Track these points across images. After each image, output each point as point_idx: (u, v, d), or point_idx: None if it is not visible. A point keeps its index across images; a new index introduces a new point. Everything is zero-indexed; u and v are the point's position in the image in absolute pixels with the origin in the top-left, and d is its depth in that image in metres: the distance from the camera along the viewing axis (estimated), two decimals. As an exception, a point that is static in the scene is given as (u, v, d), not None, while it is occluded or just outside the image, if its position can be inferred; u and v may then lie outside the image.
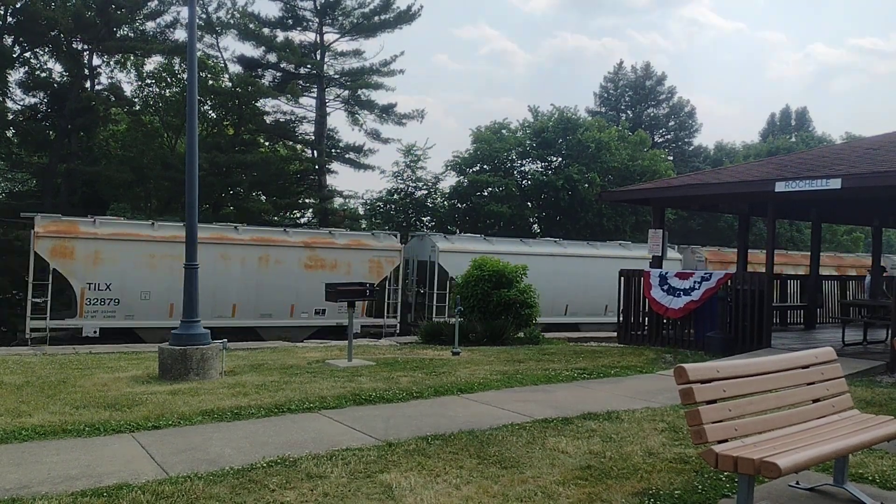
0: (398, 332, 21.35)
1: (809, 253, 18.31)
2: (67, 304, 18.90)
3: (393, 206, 34.93)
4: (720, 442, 4.17)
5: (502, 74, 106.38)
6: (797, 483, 5.00)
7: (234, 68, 32.60)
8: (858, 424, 4.89)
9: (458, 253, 21.68)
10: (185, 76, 26.68)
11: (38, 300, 17.61)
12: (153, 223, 19.52)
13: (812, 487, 4.95)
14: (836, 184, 11.16)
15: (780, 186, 11.87)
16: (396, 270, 22.00)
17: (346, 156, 34.58)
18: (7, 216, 23.53)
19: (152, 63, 32.62)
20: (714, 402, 4.27)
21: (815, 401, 4.99)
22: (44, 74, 29.92)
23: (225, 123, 33.02)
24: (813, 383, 5.04)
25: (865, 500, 4.72)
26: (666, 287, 13.48)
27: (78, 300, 17.96)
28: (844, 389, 5.23)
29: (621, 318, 14.67)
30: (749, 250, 16.66)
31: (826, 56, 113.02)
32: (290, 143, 35.39)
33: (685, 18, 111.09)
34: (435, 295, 21.86)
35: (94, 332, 17.85)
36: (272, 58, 32.71)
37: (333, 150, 34.42)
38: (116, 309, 18.18)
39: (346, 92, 34.03)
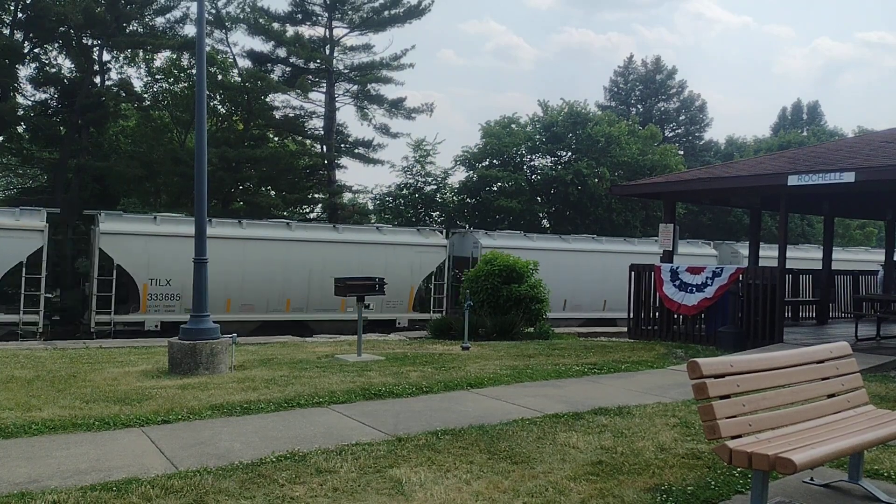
0: None
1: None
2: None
3: (402, 201, 34.91)
4: (734, 437, 4.11)
5: (509, 69, 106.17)
6: (812, 479, 4.94)
7: (244, 63, 32.69)
8: (874, 420, 4.82)
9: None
10: (194, 71, 26.77)
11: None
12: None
13: (827, 483, 4.89)
14: (849, 177, 11.05)
15: (792, 180, 11.76)
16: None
17: (356, 151, 34.58)
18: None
19: (162, 58, 32.75)
20: (728, 397, 4.21)
21: (829, 396, 4.92)
22: (54, 70, 30.01)
23: (234, 118, 33.06)
24: (828, 378, 4.97)
25: (881, 496, 4.66)
26: (678, 282, 13.38)
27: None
28: (860, 385, 5.16)
29: (632, 313, 14.59)
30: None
31: (833, 50, 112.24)
32: (300, 137, 35.42)
33: (691, 12, 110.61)
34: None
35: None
36: (281, 53, 32.74)
37: (343, 145, 34.41)
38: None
39: (356, 87, 34.01)
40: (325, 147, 34.06)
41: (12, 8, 27.75)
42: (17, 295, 17.84)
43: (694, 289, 13.11)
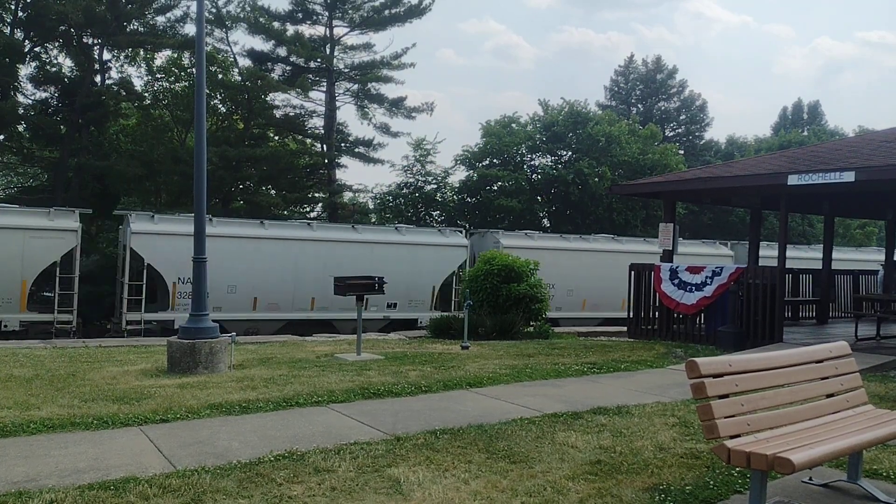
0: None
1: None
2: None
3: (402, 200, 34.90)
4: (732, 437, 4.10)
5: (509, 69, 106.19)
6: (810, 479, 4.93)
7: (244, 62, 32.65)
8: (873, 420, 4.81)
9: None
10: (194, 70, 26.76)
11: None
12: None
13: (825, 483, 4.89)
14: (849, 177, 11.04)
15: (792, 179, 11.75)
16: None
17: (356, 150, 34.57)
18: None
19: (162, 58, 32.73)
20: (726, 396, 4.21)
21: (829, 396, 4.91)
22: (54, 69, 30.01)
23: (234, 117, 33.05)
24: (827, 378, 4.96)
25: (880, 496, 4.65)
26: (676, 281, 13.37)
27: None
28: (859, 384, 5.15)
29: (631, 313, 14.59)
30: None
31: (833, 50, 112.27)
32: (300, 137, 35.41)
33: (691, 12, 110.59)
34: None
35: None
36: (282, 52, 32.71)
37: (343, 144, 34.41)
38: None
39: (356, 86, 34.01)
40: (325, 146, 34.06)
41: (13, 7, 27.74)
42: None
43: (693, 288, 13.10)
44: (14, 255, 17.50)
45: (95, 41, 29.59)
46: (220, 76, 31.34)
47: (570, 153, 36.18)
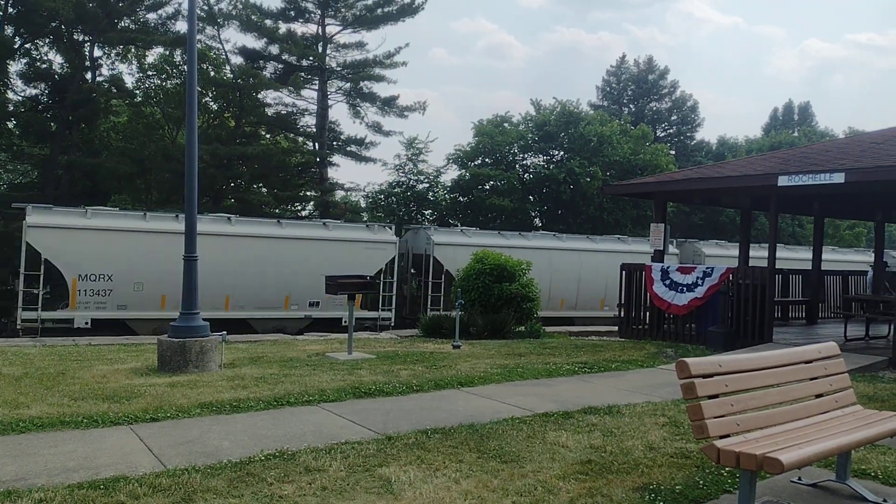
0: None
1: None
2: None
3: (394, 199, 34.87)
4: (722, 437, 4.13)
5: (501, 68, 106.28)
6: (799, 479, 4.96)
7: (236, 60, 32.52)
8: (861, 420, 4.84)
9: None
10: (185, 68, 26.66)
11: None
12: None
13: (814, 483, 4.92)
14: (839, 178, 11.10)
15: (782, 180, 11.81)
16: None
17: (348, 148, 34.51)
18: (7, 207, 23.45)
19: (153, 55, 32.60)
20: (716, 396, 4.23)
21: (818, 396, 4.94)
22: (44, 66, 29.83)
23: (226, 115, 32.93)
24: (816, 378, 4.99)
25: (868, 495, 4.68)
26: (668, 282, 13.42)
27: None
28: (848, 385, 5.18)
29: (622, 313, 14.63)
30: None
31: (823, 51, 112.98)
32: (292, 135, 35.30)
33: (682, 12, 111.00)
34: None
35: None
36: (274, 50, 32.61)
37: (335, 143, 34.35)
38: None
39: (348, 84, 33.94)
40: (317, 145, 33.99)
41: (2, 3, 27.57)
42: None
43: (684, 288, 13.14)
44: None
45: (86, 38, 29.43)
46: (211, 74, 31.22)
47: (561, 153, 36.24)
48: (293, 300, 19.97)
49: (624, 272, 14.59)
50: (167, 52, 31.44)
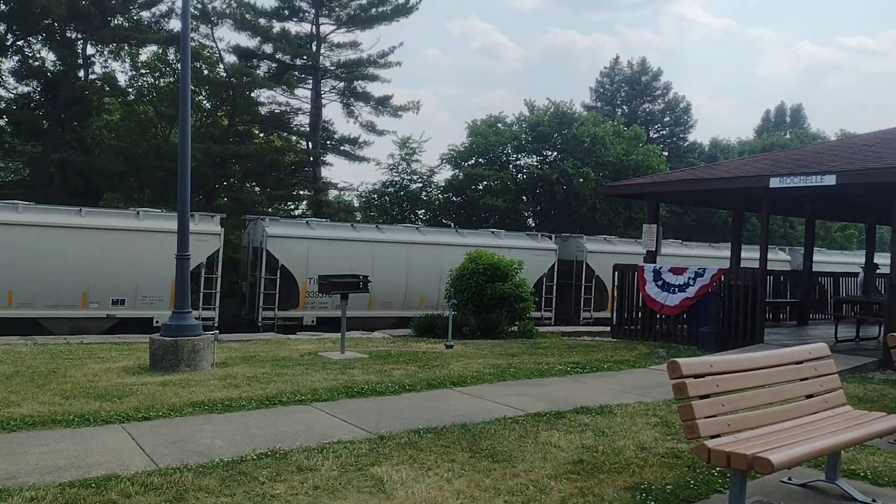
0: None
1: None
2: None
3: (388, 199, 34.85)
4: (713, 437, 4.15)
5: (495, 68, 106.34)
6: (789, 479, 4.99)
7: (230, 59, 32.43)
8: (851, 421, 4.88)
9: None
10: (179, 66, 26.59)
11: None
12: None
13: (804, 483, 4.95)
14: (830, 180, 11.16)
15: (774, 182, 11.86)
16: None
17: (341, 148, 34.51)
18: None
19: (147, 53, 32.48)
20: (707, 396, 4.25)
21: (808, 396, 4.98)
22: (37, 63, 29.70)
23: (219, 114, 32.84)
24: (806, 379, 5.02)
25: (857, 496, 4.71)
26: (660, 283, 13.46)
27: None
28: (838, 385, 5.22)
29: (615, 313, 14.66)
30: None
31: (815, 54, 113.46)
32: (285, 134, 35.27)
33: (675, 14, 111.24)
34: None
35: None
36: (268, 49, 32.60)
37: (328, 142, 34.33)
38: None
39: (342, 84, 33.95)
40: (310, 144, 33.95)
41: (-5, 0, 27.44)
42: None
43: (676, 289, 13.19)
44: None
45: (79, 35, 29.30)
46: (205, 72, 31.12)
47: (555, 153, 36.31)
48: (92, 298, 17.77)
49: (616, 272, 14.63)
50: (160, 51, 31.34)
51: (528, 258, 21.14)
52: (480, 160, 35.87)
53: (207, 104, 32.71)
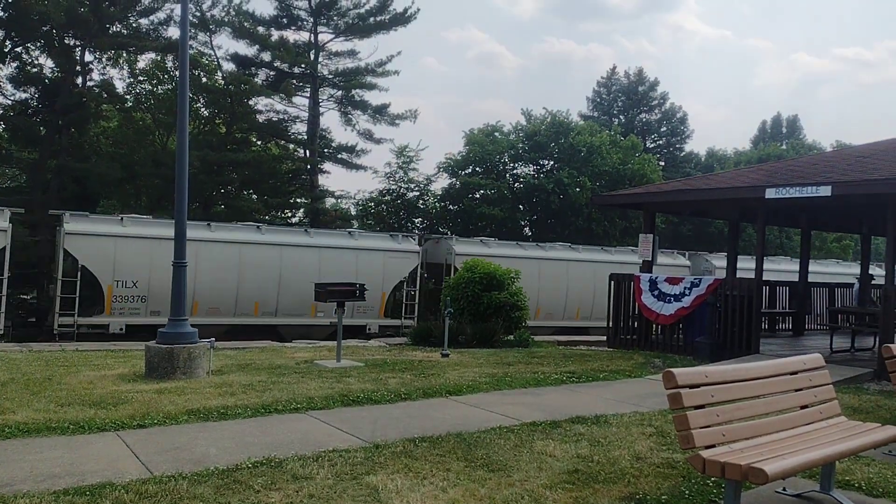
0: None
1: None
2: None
3: (385, 207, 34.89)
4: (708, 447, 4.16)
5: (491, 77, 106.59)
6: (784, 489, 5.00)
7: (228, 66, 32.59)
8: (846, 431, 4.89)
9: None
10: (177, 74, 26.61)
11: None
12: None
13: (799, 494, 4.95)
14: (826, 191, 11.20)
15: (770, 193, 11.90)
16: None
17: (339, 156, 34.55)
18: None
19: (145, 60, 32.53)
20: (702, 407, 4.26)
21: (802, 407, 4.99)
22: (35, 70, 29.67)
23: (217, 121, 32.90)
24: (801, 389, 5.04)
25: (852, 507, 4.72)
26: (656, 293, 13.48)
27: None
28: (832, 396, 5.23)
29: (611, 323, 14.68)
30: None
31: (811, 65, 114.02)
32: (283, 142, 35.32)
33: (672, 25, 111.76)
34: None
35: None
36: (266, 57, 32.67)
37: (326, 150, 34.36)
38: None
39: (340, 92, 34.01)
40: (308, 152, 34.01)
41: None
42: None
43: (672, 298, 13.21)
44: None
45: (77, 42, 29.31)
46: (203, 80, 31.20)
47: (551, 163, 36.42)
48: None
49: (612, 283, 14.65)
50: (159, 58, 31.40)
51: (384, 261, 21.31)
52: (477, 169, 35.97)
53: (205, 111, 32.77)
